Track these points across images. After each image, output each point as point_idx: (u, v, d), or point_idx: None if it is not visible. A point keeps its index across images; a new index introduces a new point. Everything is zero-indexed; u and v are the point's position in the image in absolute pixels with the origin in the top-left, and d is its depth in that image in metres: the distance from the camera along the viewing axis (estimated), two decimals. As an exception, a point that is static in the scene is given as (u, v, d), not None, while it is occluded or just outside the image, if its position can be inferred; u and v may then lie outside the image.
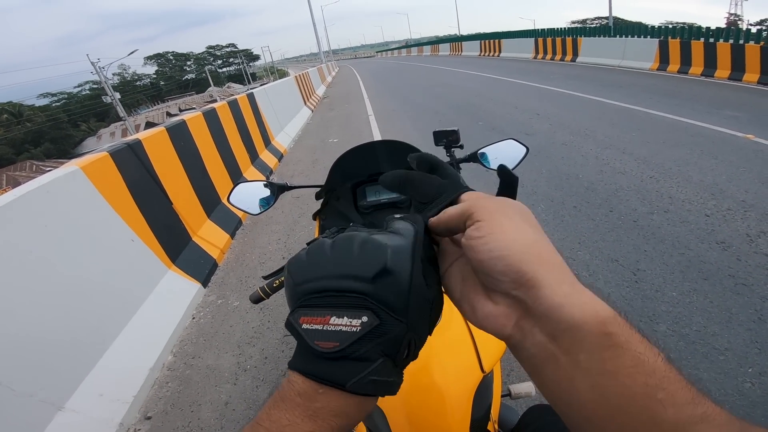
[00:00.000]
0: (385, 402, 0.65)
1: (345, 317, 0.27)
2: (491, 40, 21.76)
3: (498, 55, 20.57)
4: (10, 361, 1.48)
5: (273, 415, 0.27)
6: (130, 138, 2.71)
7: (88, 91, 57.90)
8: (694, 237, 2.46)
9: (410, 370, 0.66)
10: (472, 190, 0.34)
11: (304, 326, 0.28)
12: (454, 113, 7.15)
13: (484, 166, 1.07)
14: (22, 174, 26.81)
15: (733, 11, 59.10)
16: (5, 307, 1.54)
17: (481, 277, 0.29)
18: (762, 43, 8.11)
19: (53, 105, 54.20)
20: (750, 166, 3.46)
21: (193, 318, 2.37)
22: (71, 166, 2.12)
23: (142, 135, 2.77)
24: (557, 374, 0.25)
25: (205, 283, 2.63)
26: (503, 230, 0.27)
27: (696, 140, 4.27)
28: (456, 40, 30.32)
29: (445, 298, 0.75)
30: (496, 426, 0.76)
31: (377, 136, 5.85)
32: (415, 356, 0.30)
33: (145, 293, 2.20)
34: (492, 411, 0.73)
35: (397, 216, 0.33)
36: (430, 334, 0.31)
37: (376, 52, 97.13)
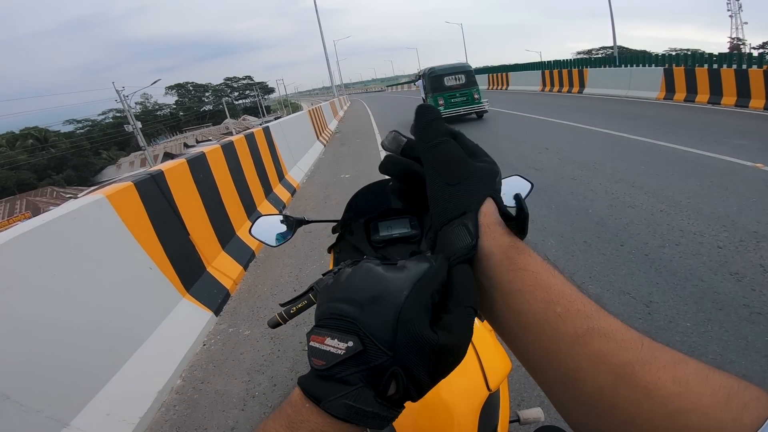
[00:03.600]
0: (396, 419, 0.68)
1: (336, 339, 0.29)
2: (499, 73, 22.34)
3: (506, 89, 21.05)
4: (21, 377, 1.53)
5: (268, 424, 0.29)
6: (153, 169, 2.84)
7: (111, 119, 59.23)
8: (707, 269, 2.44)
9: None
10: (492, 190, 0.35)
11: (311, 344, 0.30)
12: (464, 146, 7.26)
13: None
14: (42, 200, 27.57)
15: (734, 35, 59.47)
16: (23, 325, 1.61)
17: None
18: (765, 66, 8.17)
19: (78, 132, 55.82)
20: (761, 196, 3.44)
21: (204, 345, 2.41)
22: (98, 194, 2.23)
23: (164, 166, 2.89)
24: (485, 299, 0.31)
25: (217, 312, 2.68)
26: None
27: (705, 171, 4.27)
28: (464, 73, 31.05)
29: None
30: None
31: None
32: (411, 397, 0.30)
33: (159, 319, 2.26)
34: None
35: (426, 254, 0.34)
36: (434, 382, 0.30)
37: (387, 86, 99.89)
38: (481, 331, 0.80)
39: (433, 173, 0.35)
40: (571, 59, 16.74)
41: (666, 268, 2.50)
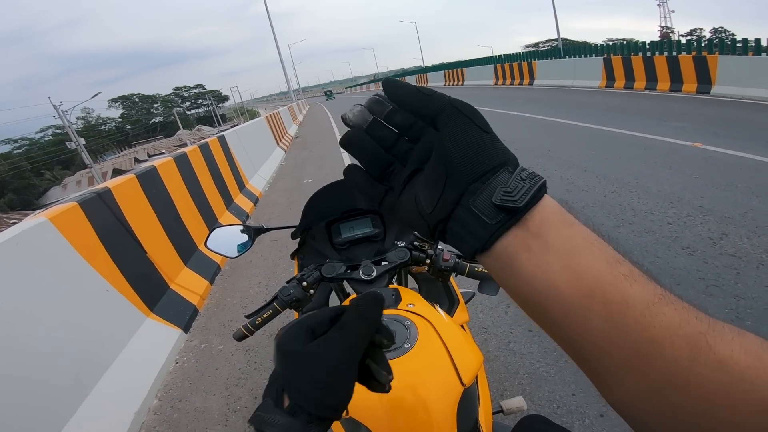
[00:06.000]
0: (371, 421, 0.67)
1: None
2: (454, 69, 22.83)
3: (462, 84, 21.53)
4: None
5: None
6: (99, 186, 2.69)
7: (50, 137, 55.57)
8: (660, 245, 2.58)
9: (394, 389, 0.68)
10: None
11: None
12: (425, 142, 7.34)
13: None
14: (-19, 230, 25.34)
15: (663, 24, 64.35)
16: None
17: None
18: (693, 53, 8.84)
19: (15, 152, 51.86)
20: (702, 172, 3.71)
21: (177, 363, 2.34)
22: (39, 217, 2.10)
23: (111, 183, 2.75)
24: (531, 261, 0.25)
25: (186, 329, 2.60)
26: None
27: (649, 153, 4.55)
28: (421, 71, 31.61)
29: (420, 324, 0.77)
30: None
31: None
32: (307, 409, 0.36)
33: (124, 341, 2.18)
34: (484, 428, 0.75)
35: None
36: (307, 391, 0.35)
37: (346, 88, 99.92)
38: (450, 326, 0.79)
39: (463, 120, 0.28)
40: (520, 53, 17.37)
41: (622, 247, 2.62)
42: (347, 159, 7.15)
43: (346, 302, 0.88)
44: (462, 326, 1.04)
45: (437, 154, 0.29)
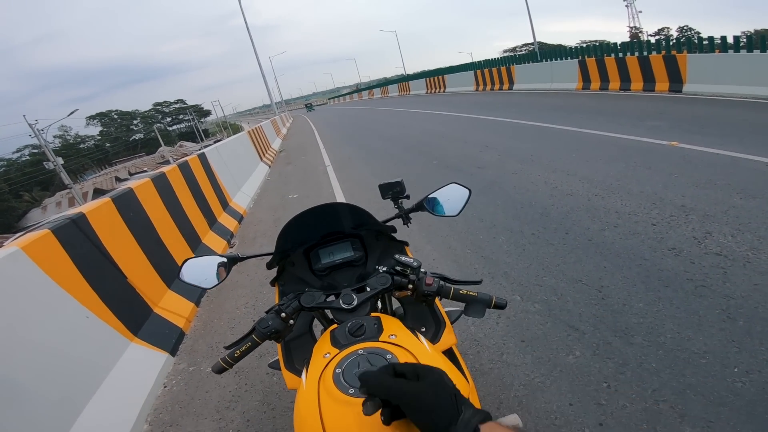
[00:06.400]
0: None
1: None
2: (436, 77, 23.04)
3: (443, 91, 21.73)
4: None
5: None
6: (72, 212, 2.62)
7: (28, 157, 53.88)
8: (646, 247, 2.59)
9: (374, 429, 0.64)
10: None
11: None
12: (409, 154, 7.30)
13: (432, 213, 1.12)
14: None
15: (632, 24, 66.70)
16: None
17: None
18: (663, 52, 9.10)
19: (-8, 174, 50.52)
20: (681, 171, 3.77)
21: (165, 386, 2.29)
22: (11, 246, 2.05)
23: (85, 208, 2.68)
24: None
25: (173, 352, 2.55)
26: None
27: (628, 153, 4.63)
28: (403, 80, 31.85)
29: (402, 357, 0.75)
30: None
31: (336, 188, 5.88)
32: None
33: (108, 367, 2.15)
34: None
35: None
36: None
37: (329, 99, 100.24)
38: (434, 357, 0.75)
39: (425, 414, 0.51)
40: (499, 58, 17.68)
41: (610, 251, 2.63)
42: (332, 171, 7.12)
43: (327, 332, 0.84)
44: (451, 348, 1.01)
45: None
